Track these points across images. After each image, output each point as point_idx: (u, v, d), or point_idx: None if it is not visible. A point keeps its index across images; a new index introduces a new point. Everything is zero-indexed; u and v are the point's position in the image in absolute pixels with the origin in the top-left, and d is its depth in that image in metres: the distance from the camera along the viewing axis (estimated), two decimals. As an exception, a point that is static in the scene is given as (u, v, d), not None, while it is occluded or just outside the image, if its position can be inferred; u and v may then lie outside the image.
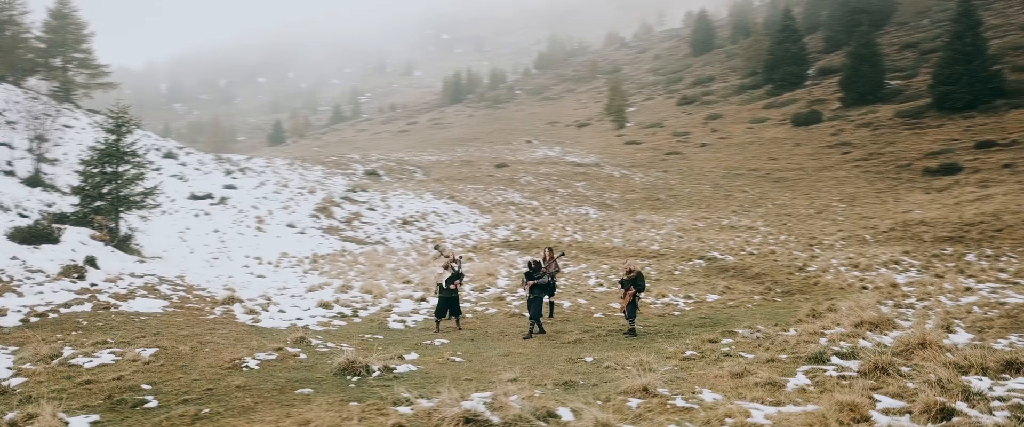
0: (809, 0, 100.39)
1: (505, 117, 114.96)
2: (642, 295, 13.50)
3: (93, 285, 14.78)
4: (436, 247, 16.52)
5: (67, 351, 10.44)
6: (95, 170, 20.44)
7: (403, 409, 7.87)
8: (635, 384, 8.30)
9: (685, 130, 79.54)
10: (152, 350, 10.49)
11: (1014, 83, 56.37)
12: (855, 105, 67.86)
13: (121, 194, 20.33)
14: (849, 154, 58.06)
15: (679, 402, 7.81)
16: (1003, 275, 19.27)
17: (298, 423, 7.42)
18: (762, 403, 7.60)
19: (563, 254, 16.66)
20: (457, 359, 10.85)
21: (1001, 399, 7.38)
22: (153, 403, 8.34)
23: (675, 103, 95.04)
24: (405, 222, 38.53)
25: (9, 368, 9.76)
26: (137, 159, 20.88)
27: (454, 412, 7.28)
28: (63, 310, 13.00)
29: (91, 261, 16.11)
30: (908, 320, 12.37)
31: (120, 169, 20.61)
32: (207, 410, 7.96)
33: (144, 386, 8.93)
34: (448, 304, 13.59)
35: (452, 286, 13.56)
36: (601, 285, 20.55)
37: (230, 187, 38.35)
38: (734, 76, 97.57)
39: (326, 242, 31.37)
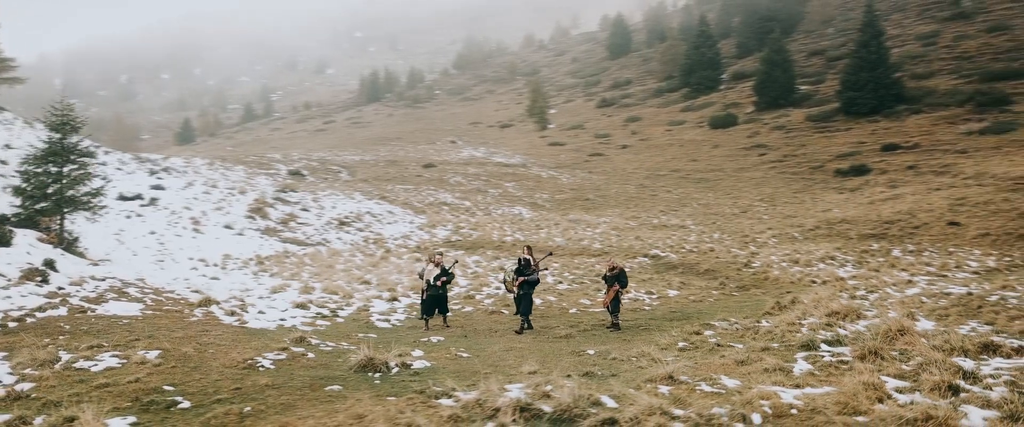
0: (721, 7, 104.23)
1: (426, 117, 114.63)
2: (624, 290, 14.05)
3: (60, 288, 14.25)
4: (439, 253, 16.72)
5: (65, 355, 10.16)
6: (39, 170, 19.56)
7: (446, 401, 8.10)
8: (660, 372, 8.79)
9: (606, 132, 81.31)
10: (155, 352, 10.32)
11: (913, 90, 60.24)
12: (768, 109, 70.97)
13: (67, 195, 19.55)
14: (765, 156, 60.75)
15: (705, 388, 8.34)
16: (931, 269, 20.83)
17: (352, 417, 7.55)
18: (783, 386, 8.20)
19: (551, 254, 17.07)
20: (464, 354, 11.11)
21: (992, 377, 8.22)
22: (186, 404, 8.29)
23: (595, 105, 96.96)
24: (342, 223, 38.15)
25: (10, 373, 9.46)
26: (84, 159, 20.11)
27: (505, 401, 7.58)
28: (38, 314, 12.55)
29: (50, 264, 15.49)
30: (871, 310, 13.35)
31: (65, 169, 19.81)
32: (249, 408, 7.98)
33: (167, 387, 8.83)
34: (436, 302, 13.81)
35: (438, 282, 13.78)
36: (561, 282, 21.06)
37: (158, 187, 37.08)
38: (651, 79, 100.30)
39: (267, 244, 30.81)
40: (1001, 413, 6.81)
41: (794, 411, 7.26)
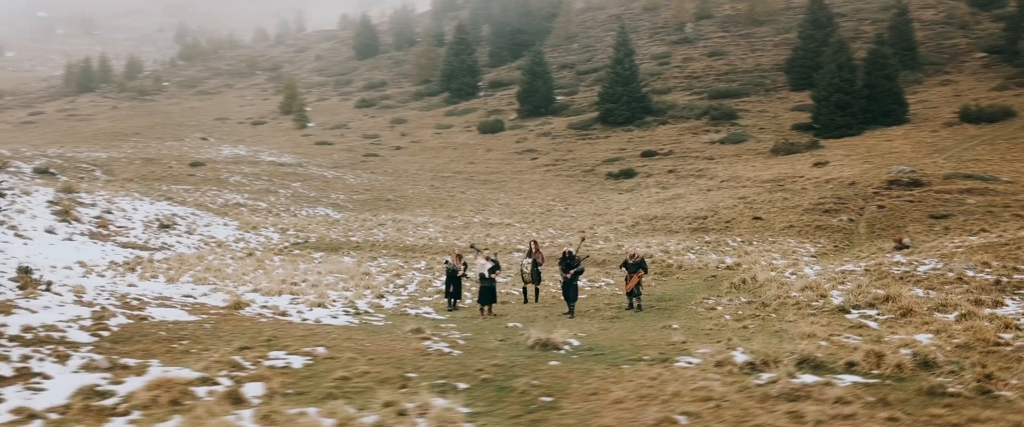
0: (471, 16, 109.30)
1: (160, 111, 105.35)
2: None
3: (81, 296, 12.81)
4: (472, 246, 17.28)
5: (239, 359, 9.84)
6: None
7: (683, 363, 9.66)
8: (802, 331, 11.06)
9: (374, 133, 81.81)
10: (321, 349, 10.38)
11: (658, 104, 69.19)
12: (531, 116, 76.55)
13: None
14: (537, 160, 65.80)
15: (846, 340, 10.75)
16: (775, 255, 25.51)
17: (647, 379, 8.80)
18: (902, 334, 10.89)
19: (584, 239, 18.40)
20: (582, 335, 12.42)
21: (1014, 317, 11.66)
22: (463, 385, 8.88)
23: (354, 105, 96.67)
24: (163, 226, 35.17)
25: (221, 375, 9.07)
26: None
27: (740, 360, 9.35)
28: (110, 321, 11.46)
29: (29, 271, 13.69)
30: (826, 285, 16.78)
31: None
32: (537, 381, 8.84)
33: (410, 374, 9.23)
34: (490, 293, 14.78)
35: (493, 275, 14.80)
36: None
37: (-74, 186, 31.43)
38: (407, 82, 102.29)
39: (108, 249, 27.96)
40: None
41: (948, 349, 9.95)
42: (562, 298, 16.23)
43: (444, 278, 17.04)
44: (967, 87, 62.14)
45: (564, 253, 15.56)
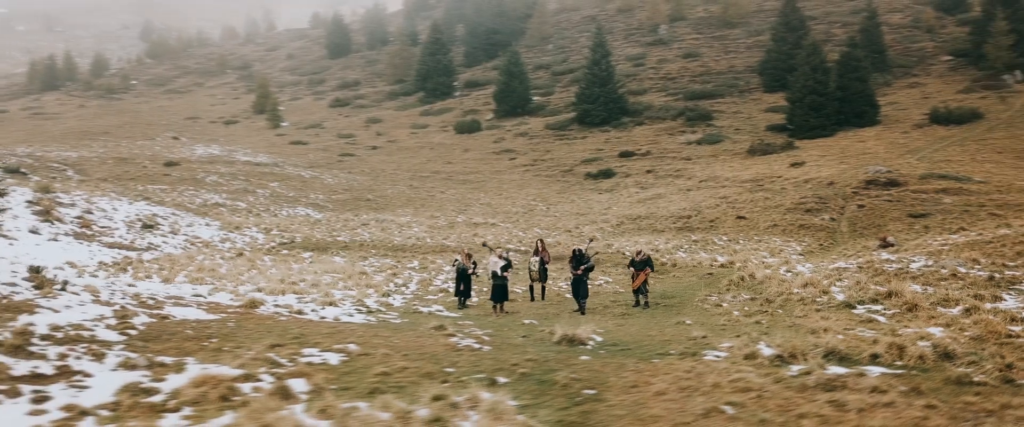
0: (445, 16, 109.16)
1: (129, 110, 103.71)
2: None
3: (97, 295, 12.74)
4: (484, 244, 17.42)
5: (272, 355, 9.91)
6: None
7: (711, 356, 9.93)
8: (818, 325, 11.40)
9: (349, 132, 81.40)
10: (354, 346, 10.47)
11: (634, 105, 69.81)
12: (507, 116, 76.75)
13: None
14: (515, 160, 66.01)
15: (862, 333, 11.11)
16: (764, 254, 26.01)
17: (682, 371, 9.05)
18: (913, 328, 11.28)
19: (594, 239, 18.60)
20: (601, 331, 12.65)
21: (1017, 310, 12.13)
22: (503, 379, 9.07)
23: (328, 105, 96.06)
24: (146, 226, 34.76)
25: (249, 367, 9.14)
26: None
27: (768, 353, 9.65)
28: (134, 320, 11.44)
29: (39, 271, 13.56)
30: (825, 281, 17.21)
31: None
32: (575, 374, 9.05)
33: (447, 370, 9.39)
34: (502, 291, 14.95)
35: (505, 274, 14.97)
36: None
37: (-98, 186, 30.70)
38: (381, 82, 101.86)
39: (95, 249, 27.60)
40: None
41: (961, 342, 10.34)
42: (569, 295, 16.53)
43: (450, 276, 17.18)
44: (935, 89, 63.69)
45: (574, 251, 15.77)
